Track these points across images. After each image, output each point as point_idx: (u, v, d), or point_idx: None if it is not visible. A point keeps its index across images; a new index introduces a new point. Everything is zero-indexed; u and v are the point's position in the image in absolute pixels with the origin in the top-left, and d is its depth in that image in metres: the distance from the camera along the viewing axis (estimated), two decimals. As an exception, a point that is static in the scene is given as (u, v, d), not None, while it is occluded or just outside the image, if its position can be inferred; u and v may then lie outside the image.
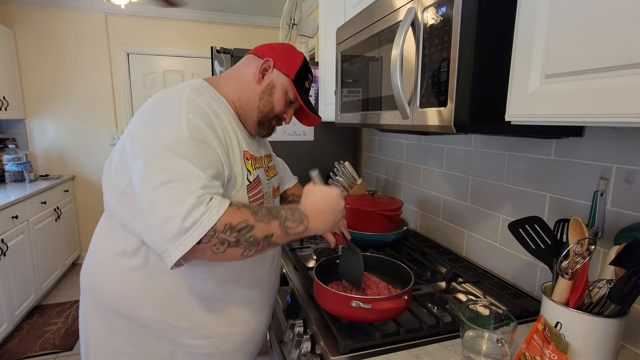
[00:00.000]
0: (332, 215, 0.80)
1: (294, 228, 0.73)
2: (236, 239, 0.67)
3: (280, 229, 0.71)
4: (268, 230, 0.70)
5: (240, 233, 0.67)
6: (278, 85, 0.89)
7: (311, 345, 0.88)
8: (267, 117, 0.91)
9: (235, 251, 0.68)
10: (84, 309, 0.89)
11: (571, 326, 0.68)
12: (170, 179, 0.66)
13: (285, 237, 0.73)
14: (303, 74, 0.92)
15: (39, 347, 2.32)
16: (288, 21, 2.15)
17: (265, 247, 0.71)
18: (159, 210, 0.65)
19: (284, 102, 0.91)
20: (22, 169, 3.02)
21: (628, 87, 0.47)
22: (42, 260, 2.80)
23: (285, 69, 0.89)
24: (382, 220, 1.34)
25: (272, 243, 0.71)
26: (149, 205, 0.67)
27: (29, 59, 3.25)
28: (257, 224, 0.69)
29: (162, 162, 0.68)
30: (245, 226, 0.67)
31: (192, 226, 0.64)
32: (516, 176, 1.09)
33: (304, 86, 0.94)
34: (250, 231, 0.68)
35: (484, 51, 0.71)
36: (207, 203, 0.66)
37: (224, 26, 3.71)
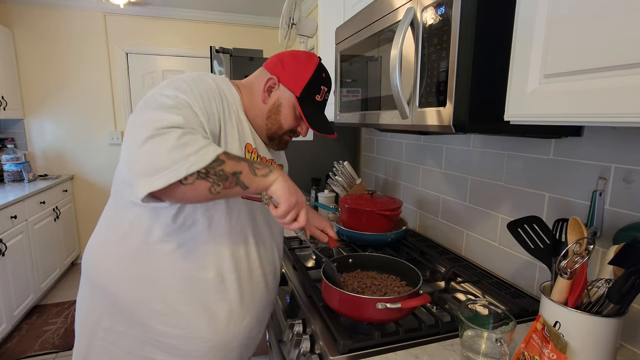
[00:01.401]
0: (293, 188, 0.77)
1: (260, 169, 0.73)
2: (207, 170, 0.67)
3: (249, 168, 0.72)
4: (237, 167, 0.70)
5: (210, 165, 0.67)
6: (284, 102, 0.87)
7: (310, 345, 0.88)
8: (277, 134, 0.90)
9: (203, 185, 0.67)
10: (80, 284, 0.93)
11: (570, 326, 0.68)
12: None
13: (252, 177, 0.72)
14: (312, 88, 0.87)
15: (38, 347, 2.32)
16: (287, 21, 2.15)
17: (233, 185, 0.70)
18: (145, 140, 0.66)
19: (293, 118, 0.89)
20: (20, 168, 3.01)
21: (627, 87, 0.47)
22: (41, 260, 2.80)
23: (291, 85, 0.86)
24: (381, 220, 1.34)
25: (240, 182, 0.71)
26: (136, 131, 0.68)
27: (28, 58, 3.24)
28: (228, 161, 0.70)
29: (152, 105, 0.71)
30: (217, 160, 0.68)
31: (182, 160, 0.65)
32: (515, 176, 1.09)
33: (314, 100, 0.88)
34: (221, 165, 0.68)
35: (483, 51, 0.71)
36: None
37: (223, 26, 3.70)
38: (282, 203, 0.74)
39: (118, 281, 0.83)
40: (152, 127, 0.66)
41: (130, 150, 0.67)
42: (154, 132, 0.65)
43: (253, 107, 0.89)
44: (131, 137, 0.68)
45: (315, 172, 2.06)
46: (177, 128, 0.67)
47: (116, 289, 0.83)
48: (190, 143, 0.66)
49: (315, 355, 0.84)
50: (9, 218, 2.36)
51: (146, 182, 0.64)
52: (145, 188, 0.64)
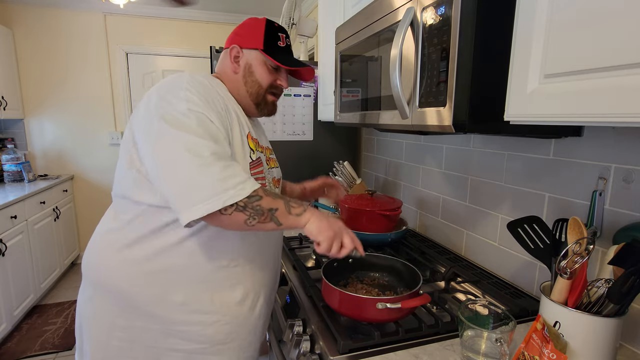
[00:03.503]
0: (330, 221, 0.81)
1: (295, 208, 0.79)
2: (245, 204, 0.73)
3: (285, 206, 0.78)
4: (274, 204, 0.76)
5: (249, 199, 0.73)
6: (253, 62, 0.90)
7: (310, 345, 0.88)
8: (260, 95, 0.92)
9: (240, 216, 0.73)
10: (81, 290, 0.92)
11: (570, 325, 0.68)
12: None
13: (287, 215, 0.77)
14: (271, 37, 0.90)
15: (39, 347, 2.32)
16: (287, 21, 2.15)
17: (268, 221, 0.76)
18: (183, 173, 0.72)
19: (268, 73, 0.91)
20: (20, 168, 3.01)
21: (627, 87, 0.47)
22: (41, 260, 2.80)
23: (252, 44, 0.90)
24: (381, 220, 1.34)
25: (274, 218, 0.76)
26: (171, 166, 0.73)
27: (28, 58, 3.24)
28: (265, 197, 0.75)
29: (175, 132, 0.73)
30: (255, 195, 0.74)
31: (225, 192, 0.71)
32: (515, 176, 1.09)
33: (278, 47, 0.91)
34: (258, 200, 0.74)
35: (483, 51, 0.71)
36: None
37: (223, 26, 3.70)
38: (322, 241, 0.78)
39: (131, 281, 0.84)
40: (197, 154, 0.71)
41: (175, 178, 0.72)
42: (200, 161, 0.71)
43: (233, 86, 0.92)
44: (170, 161, 0.72)
45: (315, 172, 2.06)
46: (215, 156, 0.72)
47: (130, 288, 0.84)
48: (231, 177, 0.72)
49: (315, 355, 0.84)
50: (9, 218, 2.36)
51: (188, 212, 0.71)
52: (187, 217, 0.71)
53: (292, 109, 1.96)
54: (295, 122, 1.99)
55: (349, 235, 0.82)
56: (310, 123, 2.02)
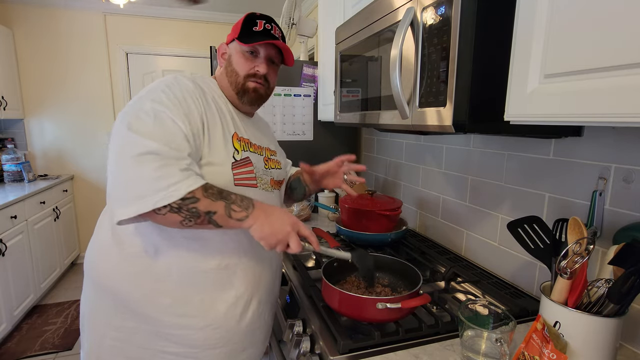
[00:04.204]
0: (276, 224, 0.78)
1: (237, 212, 0.76)
2: (179, 206, 0.71)
3: (225, 210, 0.75)
4: (212, 207, 0.74)
5: (184, 202, 0.71)
6: (232, 52, 0.92)
7: (310, 345, 0.88)
8: (239, 83, 0.91)
9: (174, 217, 0.72)
10: (84, 286, 0.94)
11: (570, 325, 0.68)
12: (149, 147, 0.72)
13: (227, 219, 0.76)
14: (248, 25, 0.90)
15: (39, 347, 2.32)
16: (287, 21, 2.15)
17: (205, 223, 0.75)
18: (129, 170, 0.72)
19: (244, 60, 0.91)
20: (20, 168, 3.01)
21: (627, 87, 0.47)
22: (41, 260, 2.80)
23: (231, 37, 0.92)
24: (381, 220, 1.34)
25: (213, 221, 0.75)
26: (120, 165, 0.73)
27: (28, 58, 3.24)
28: (203, 199, 0.73)
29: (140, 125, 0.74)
30: (191, 197, 0.72)
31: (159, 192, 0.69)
32: (515, 176, 1.09)
33: (253, 31, 0.90)
34: (194, 202, 0.72)
35: (483, 51, 0.71)
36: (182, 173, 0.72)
37: (223, 26, 3.70)
38: (264, 245, 0.78)
39: (122, 280, 0.84)
40: (130, 154, 0.70)
41: (113, 177, 0.74)
42: (131, 160, 0.70)
43: (223, 82, 0.94)
44: (114, 161, 0.73)
45: (315, 172, 2.06)
46: (154, 155, 0.70)
47: (121, 287, 0.84)
48: (165, 177, 0.70)
49: (315, 355, 0.84)
50: (9, 218, 2.36)
51: (120, 210, 0.71)
52: (119, 215, 0.71)
53: (292, 109, 1.96)
54: (295, 122, 1.99)
55: (295, 239, 0.79)
56: (310, 123, 2.02)
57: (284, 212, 0.81)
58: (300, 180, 1.15)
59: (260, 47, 0.91)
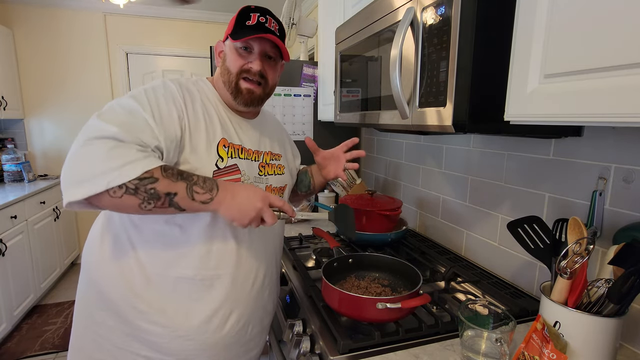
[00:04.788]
0: (244, 203, 0.74)
1: (200, 194, 0.72)
2: (135, 186, 0.66)
3: (187, 191, 0.70)
4: (172, 188, 0.69)
5: (141, 182, 0.66)
6: (227, 50, 0.89)
7: (310, 345, 0.88)
8: (232, 82, 0.87)
9: (132, 200, 0.67)
10: (80, 273, 0.94)
11: (570, 325, 0.68)
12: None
13: (190, 201, 0.71)
14: (241, 19, 0.85)
15: (39, 347, 2.32)
16: (287, 21, 2.15)
17: (166, 206, 0.70)
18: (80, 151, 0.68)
19: (237, 57, 0.87)
20: (20, 168, 3.01)
21: (627, 87, 0.47)
22: (41, 260, 2.80)
23: (226, 34, 0.89)
24: (381, 220, 1.34)
25: (175, 204, 0.70)
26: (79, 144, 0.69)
27: (28, 58, 3.24)
28: (162, 179, 0.68)
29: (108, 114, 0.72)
30: (149, 177, 0.67)
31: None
32: (515, 176, 1.09)
33: (246, 26, 0.85)
34: (152, 183, 0.67)
35: (482, 51, 0.71)
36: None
37: (223, 26, 3.70)
38: (237, 226, 0.76)
39: (104, 279, 0.85)
40: (86, 136, 0.68)
41: (67, 157, 0.69)
42: (85, 141, 0.67)
43: (218, 82, 0.91)
44: (74, 142, 0.71)
45: (315, 172, 2.06)
46: (110, 139, 0.67)
47: (104, 286, 0.85)
48: (118, 156, 0.65)
49: (315, 356, 0.84)
50: (9, 218, 2.36)
51: (69, 191, 0.65)
52: (67, 197, 0.65)
53: (292, 109, 1.96)
54: (295, 122, 1.99)
55: (269, 213, 0.76)
56: (310, 123, 2.02)
57: (251, 188, 0.77)
58: (306, 172, 1.14)
59: (254, 42, 0.85)
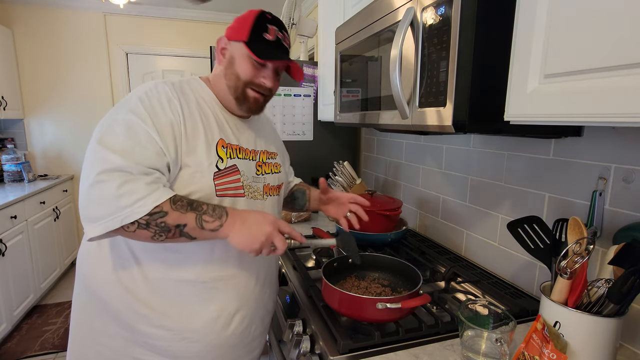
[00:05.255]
0: (253, 228, 0.75)
1: (209, 223, 0.73)
2: (147, 221, 0.69)
3: (196, 221, 0.72)
4: (181, 219, 0.71)
5: (151, 217, 0.69)
6: (236, 54, 0.85)
7: (310, 345, 0.88)
8: (239, 89, 0.85)
9: (145, 233, 0.70)
10: (75, 281, 0.93)
11: (570, 325, 0.68)
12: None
13: (200, 231, 0.73)
14: (258, 29, 0.83)
15: (39, 347, 2.32)
16: (287, 21, 2.15)
17: (177, 236, 0.72)
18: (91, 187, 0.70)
19: (250, 67, 0.84)
20: (20, 168, 3.01)
21: (627, 87, 0.47)
22: (41, 260, 2.80)
23: (237, 36, 0.84)
24: (381, 220, 1.34)
25: (185, 234, 0.73)
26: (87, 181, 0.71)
27: (28, 58, 3.24)
28: (172, 212, 0.70)
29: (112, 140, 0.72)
30: (159, 211, 0.69)
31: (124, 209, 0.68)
32: (515, 176, 1.09)
33: (264, 39, 0.84)
34: (162, 217, 0.70)
35: (482, 51, 0.71)
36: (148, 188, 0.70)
37: (223, 26, 3.69)
38: (249, 253, 0.75)
39: (104, 285, 0.83)
40: (95, 171, 0.69)
41: (80, 193, 0.72)
42: (95, 178, 0.68)
43: (217, 80, 0.89)
44: (82, 176, 0.72)
45: (315, 172, 2.06)
46: (117, 172, 0.69)
47: (103, 292, 0.83)
48: (129, 193, 0.68)
49: (315, 355, 0.84)
50: (9, 218, 2.36)
51: (88, 228, 0.70)
52: (89, 233, 0.69)
53: (292, 109, 1.96)
54: (295, 122, 1.99)
55: (279, 238, 0.76)
56: (310, 123, 2.02)
57: (260, 214, 0.78)
58: (305, 193, 1.13)
59: (269, 63, 0.85)
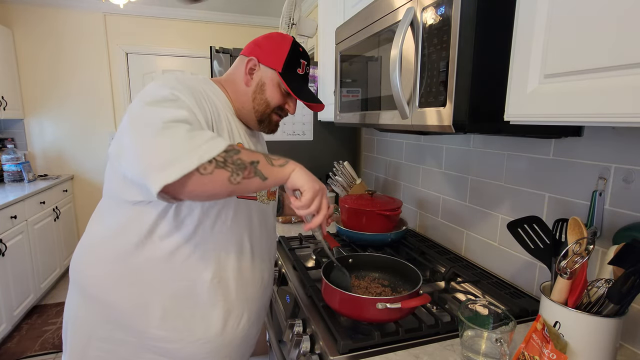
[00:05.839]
0: (312, 176, 0.77)
1: (276, 160, 0.73)
2: (224, 158, 0.66)
3: (266, 159, 0.72)
4: (254, 156, 0.70)
5: (227, 154, 0.66)
6: (267, 81, 0.88)
7: (310, 345, 0.88)
8: (265, 113, 0.91)
9: (222, 174, 0.66)
10: (69, 291, 0.90)
11: (570, 326, 0.68)
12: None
13: (270, 167, 0.71)
14: (292, 62, 0.88)
15: (38, 347, 2.32)
16: (287, 21, 2.15)
17: (252, 175, 0.69)
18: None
19: (280, 95, 0.90)
20: (20, 168, 3.01)
21: (627, 87, 0.47)
22: (41, 260, 2.80)
23: (271, 62, 0.87)
24: (381, 220, 1.34)
25: (259, 172, 0.70)
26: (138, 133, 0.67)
27: (28, 58, 3.24)
28: (243, 151, 0.70)
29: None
30: (233, 149, 0.68)
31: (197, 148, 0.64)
32: (515, 176, 1.09)
33: (296, 74, 0.89)
34: (237, 154, 0.68)
35: (483, 51, 0.71)
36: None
37: (223, 26, 3.70)
38: (306, 190, 0.73)
39: (112, 290, 0.82)
40: (160, 120, 0.65)
41: (140, 145, 0.66)
42: (163, 124, 0.65)
43: (239, 96, 0.90)
44: (137, 132, 0.67)
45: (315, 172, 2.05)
46: (183, 122, 0.67)
47: (111, 297, 0.82)
48: (199, 136, 0.66)
49: (315, 355, 0.84)
50: (9, 218, 2.36)
51: (161, 176, 0.61)
52: (160, 181, 0.61)
53: (292, 109, 1.96)
54: (295, 122, 1.99)
55: (327, 200, 0.78)
56: (310, 123, 2.02)
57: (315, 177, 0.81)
58: (279, 197, 1.20)
59: None
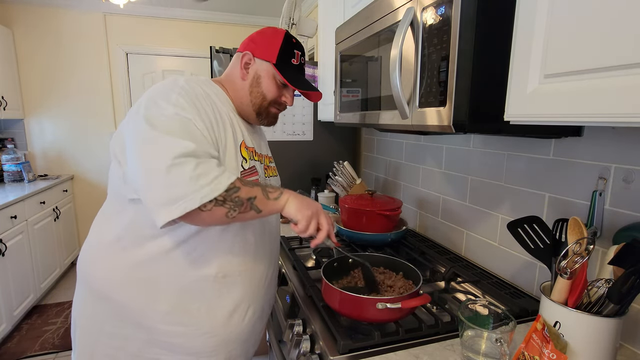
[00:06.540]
0: (305, 201, 0.82)
1: (272, 193, 0.79)
2: (224, 197, 0.72)
3: (262, 193, 0.78)
4: (251, 192, 0.76)
5: (227, 193, 0.72)
6: (263, 73, 0.90)
7: (310, 345, 0.88)
8: (262, 106, 0.92)
9: (220, 211, 0.73)
10: (76, 289, 0.92)
11: (570, 325, 0.68)
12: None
13: (266, 201, 0.78)
14: (286, 53, 0.89)
15: (39, 347, 2.32)
16: (287, 21, 2.15)
17: (248, 210, 0.76)
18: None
19: (276, 88, 0.91)
20: (20, 168, 3.01)
21: (627, 87, 0.47)
22: (41, 260, 2.80)
23: (265, 55, 0.89)
24: (381, 220, 1.34)
25: (255, 206, 0.76)
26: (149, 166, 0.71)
27: (28, 58, 3.24)
28: (242, 187, 0.75)
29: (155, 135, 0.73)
30: (233, 187, 0.73)
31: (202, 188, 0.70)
32: (515, 176, 1.09)
33: (291, 64, 0.90)
34: (236, 192, 0.73)
35: (483, 51, 0.71)
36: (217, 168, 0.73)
37: (223, 26, 3.70)
38: (299, 220, 0.79)
39: (120, 287, 0.83)
40: (170, 155, 0.69)
41: (149, 179, 0.71)
42: (172, 161, 0.69)
43: (237, 91, 0.92)
44: (146, 162, 0.71)
45: (315, 172, 2.06)
46: (191, 157, 0.71)
47: (118, 295, 0.83)
48: (205, 173, 0.71)
49: (315, 355, 0.84)
50: (9, 218, 2.36)
51: (165, 212, 0.69)
52: (165, 217, 0.69)
53: (292, 109, 1.96)
54: (295, 122, 1.99)
55: (326, 217, 0.83)
56: (310, 123, 2.02)
57: (310, 201, 0.85)
58: None
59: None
